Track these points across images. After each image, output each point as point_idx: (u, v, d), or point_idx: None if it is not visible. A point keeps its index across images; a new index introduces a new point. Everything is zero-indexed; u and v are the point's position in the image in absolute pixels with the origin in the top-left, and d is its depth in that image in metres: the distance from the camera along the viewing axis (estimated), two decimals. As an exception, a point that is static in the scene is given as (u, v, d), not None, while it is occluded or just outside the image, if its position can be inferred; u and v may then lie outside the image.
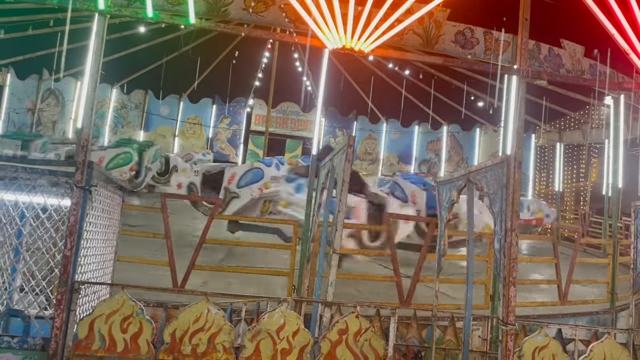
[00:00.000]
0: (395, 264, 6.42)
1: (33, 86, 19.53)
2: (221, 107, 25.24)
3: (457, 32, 6.87)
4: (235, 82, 22.23)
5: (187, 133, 24.96)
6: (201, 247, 6.39)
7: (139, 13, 4.41)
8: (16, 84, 18.78)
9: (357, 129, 24.89)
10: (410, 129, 24.03)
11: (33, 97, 19.63)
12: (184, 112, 24.82)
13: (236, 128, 25.57)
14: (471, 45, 6.90)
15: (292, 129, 25.75)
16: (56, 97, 20.13)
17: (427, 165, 23.48)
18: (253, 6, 6.61)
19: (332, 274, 4.14)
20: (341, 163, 4.48)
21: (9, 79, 18.47)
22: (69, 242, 3.75)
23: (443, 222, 5.39)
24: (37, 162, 3.84)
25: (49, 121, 19.98)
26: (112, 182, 4.80)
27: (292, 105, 25.34)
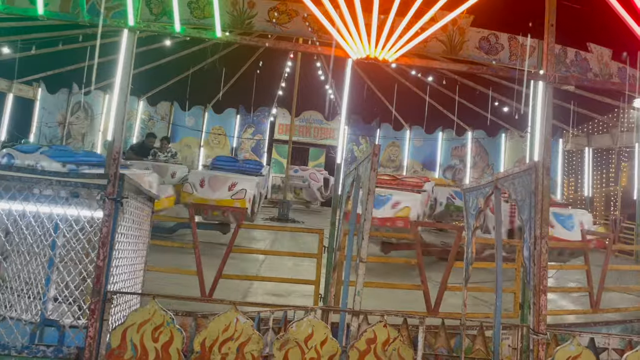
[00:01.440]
0: (422, 272, 6.38)
1: (63, 100, 20.06)
2: (245, 116, 25.52)
3: (482, 38, 6.83)
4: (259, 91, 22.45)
5: (212, 143, 25.27)
6: (228, 256, 6.45)
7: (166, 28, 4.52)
8: (47, 98, 19.31)
9: (380, 136, 24.86)
10: (434, 135, 23.87)
11: (63, 110, 20.15)
12: (208, 122, 25.16)
13: (260, 137, 25.80)
14: (496, 51, 6.85)
15: (315, 137, 25.85)
16: (85, 111, 20.63)
17: (451, 172, 23.27)
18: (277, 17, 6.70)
19: (359, 283, 4.14)
20: (366, 172, 4.49)
21: (39, 93, 19.00)
22: (102, 253, 3.84)
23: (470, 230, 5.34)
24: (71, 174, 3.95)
25: (78, 134, 20.47)
26: (142, 193, 4.90)
27: (315, 113, 25.46)
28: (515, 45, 6.78)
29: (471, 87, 17.14)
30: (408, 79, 19.66)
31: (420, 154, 24.30)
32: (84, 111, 20.60)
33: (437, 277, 6.96)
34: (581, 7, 5.46)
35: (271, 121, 25.83)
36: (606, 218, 18.59)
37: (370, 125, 24.95)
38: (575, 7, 5.46)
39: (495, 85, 15.45)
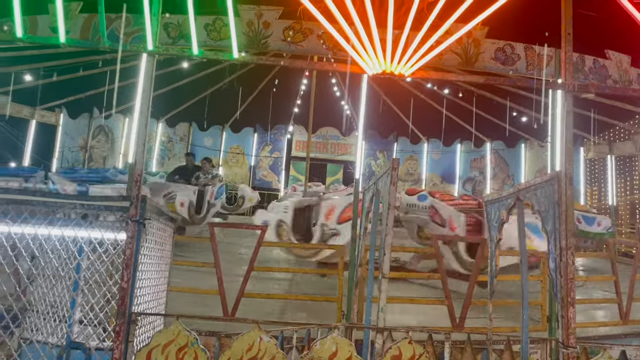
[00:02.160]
0: (446, 287, 6.29)
1: (84, 124, 20.48)
2: (262, 135, 25.72)
3: (497, 49, 6.82)
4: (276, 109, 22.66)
5: (231, 162, 25.47)
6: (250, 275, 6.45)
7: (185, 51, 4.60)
8: (68, 123, 19.74)
9: (397, 150, 24.79)
10: (452, 147, 23.73)
11: (84, 134, 20.57)
12: (226, 142, 25.41)
13: (277, 155, 25.93)
14: (512, 62, 6.83)
15: (332, 153, 25.90)
16: (106, 134, 21.01)
17: (471, 184, 23.04)
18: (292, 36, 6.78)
19: (382, 299, 4.10)
20: (386, 186, 4.47)
21: (62, 118, 19.44)
22: (126, 275, 3.87)
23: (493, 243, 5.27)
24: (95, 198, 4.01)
25: (99, 157, 20.82)
26: (163, 214, 4.95)
27: (332, 129, 25.54)
28: (531, 54, 6.75)
29: (488, 98, 17.05)
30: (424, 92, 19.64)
31: (439, 167, 24.13)
32: (104, 135, 20.99)
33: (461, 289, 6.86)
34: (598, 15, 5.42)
35: (288, 138, 25.98)
36: (632, 227, 18.17)
37: (387, 139, 24.93)
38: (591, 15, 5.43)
39: (513, 95, 15.35)
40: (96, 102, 19.10)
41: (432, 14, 4.47)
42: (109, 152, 21.14)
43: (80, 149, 20.39)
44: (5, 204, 3.86)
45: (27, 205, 3.81)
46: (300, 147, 25.61)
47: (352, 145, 25.28)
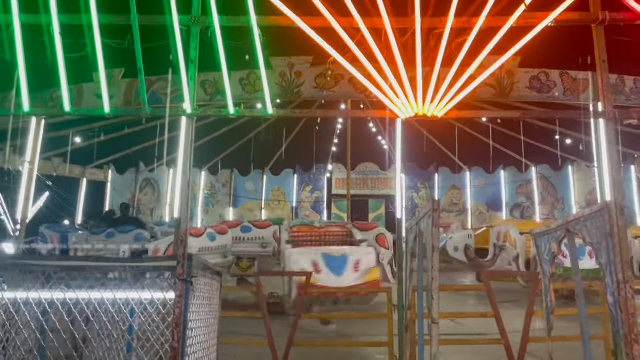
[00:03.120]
0: (501, 324, 6.05)
1: (131, 179, 21.28)
2: (302, 175, 25.97)
3: (532, 78, 6.74)
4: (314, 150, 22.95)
5: (273, 205, 25.74)
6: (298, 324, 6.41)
7: (222, 112, 4.77)
8: (116, 179, 20.56)
9: (439, 181, 24.48)
10: (496, 174, 23.24)
11: (132, 188, 21.34)
12: (267, 185, 25.77)
13: (318, 194, 26.05)
14: (548, 89, 6.73)
15: (372, 188, 25.81)
16: (152, 186, 21.72)
17: (519, 210, 22.38)
18: (324, 83, 6.92)
19: (434, 345, 3.98)
20: (428, 228, 4.41)
21: (110, 175, 20.28)
22: (176, 334, 3.91)
23: (547, 277, 5.08)
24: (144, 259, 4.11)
25: (147, 209, 21.48)
26: (209, 268, 5.02)
27: (371, 165, 25.54)
28: (568, 80, 6.63)
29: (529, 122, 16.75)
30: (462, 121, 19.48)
31: (484, 195, 23.60)
32: (151, 187, 21.71)
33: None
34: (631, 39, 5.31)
35: (328, 177, 26.12)
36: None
37: (427, 171, 24.70)
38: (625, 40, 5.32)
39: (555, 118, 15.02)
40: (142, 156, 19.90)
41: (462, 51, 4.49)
42: (156, 204, 21.79)
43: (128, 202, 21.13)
44: (60, 270, 4.01)
45: (80, 270, 3.95)
46: (340, 184, 25.67)
47: (393, 179, 25.16)
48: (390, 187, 25.21)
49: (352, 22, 4.38)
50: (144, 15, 4.50)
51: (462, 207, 23.90)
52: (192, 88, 4.19)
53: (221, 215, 24.02)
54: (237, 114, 4.58)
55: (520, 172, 22.34)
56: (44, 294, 4.20)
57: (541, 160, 21.36)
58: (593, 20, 4.52)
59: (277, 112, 4.70)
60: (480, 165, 23.04)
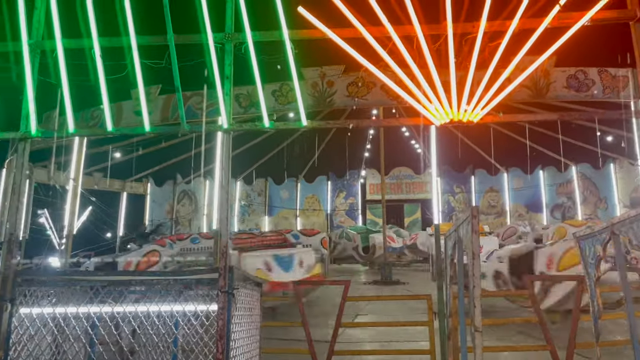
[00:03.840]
0: (546, 331, 5.91)
1: (169, 191, 21.76)
2: (335, 182, 26.01)
3: (569, 77, 6.60)
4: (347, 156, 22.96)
5: (307, 212, 25.85)
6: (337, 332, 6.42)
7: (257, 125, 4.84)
8: (155, 191, 21.07)
9: (475, 183, 24.09)
10: (535, 175, 22.69)
11: (170, 200, 21.81)
12: (301, 193, 25.91)
13: (352, 200, 26.02)
14: (586, 87, 6.57)
15: (407, 192, 25.62)
16: (189, 198, 22.15)
17: (560, 211, 21.80)
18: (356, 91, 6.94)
19: (477, 354, 3.92)
20: (467, 234, 4.36)
21: (149, 187, 20.79)
22: (220, 346, 3.99)
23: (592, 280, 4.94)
24: (186, 272, 4.22)
25: (185, 220, 21.91)
26: (249, 279, 5.09)
27: (405, 169, 25.38)
28: (607, 78, 6.46)
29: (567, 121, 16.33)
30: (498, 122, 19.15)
31: (523, 197, 23.07)
32: (188, 198, 22.14)
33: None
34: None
35: (361, 183, 26.09)
36: None
37: (463, 173, 24.34)
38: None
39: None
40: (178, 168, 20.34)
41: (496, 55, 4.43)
42: (193, 214, 22.20)
43: (167, 214, 21.60)
44: (108, 285, 4.15)
45: (127, 285, 4.08)
46: (374, 190, 25.60)
47: (427, 182, 24.92)
48: (425, 191, 24.99)
49: (384, 30, 4.39)
50: (179, 34, 4.63)
51: (500, 210, 23.43)
52: (227, 103, 4.28)
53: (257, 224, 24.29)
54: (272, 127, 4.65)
55: (560, 172, 21.76)
56: (93, 308, 4.35)
57: (581, 159, 20.77)
58: (631, 17, 4.40)
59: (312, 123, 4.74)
60: (518, 166, 22.59)
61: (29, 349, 4.33)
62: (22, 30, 4.55)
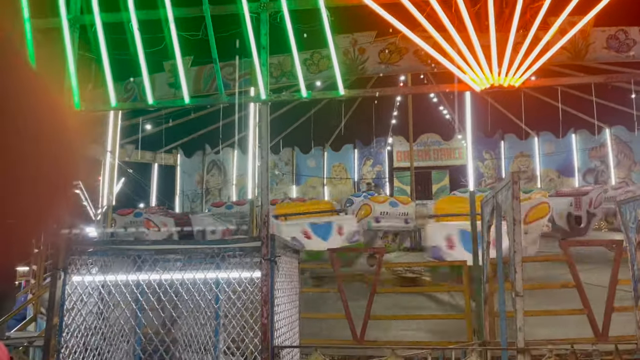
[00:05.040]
0: (583, 295, 5.92)
1: (198, 161, 22.04)
2: (362, 150, 25.88)
3: (609, 37, 6.38)
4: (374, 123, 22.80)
5: (335, 181, 25.88)
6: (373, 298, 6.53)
7: (294, 95, 4.85)
8: (185, 162, 21.37)
9: (505, 148, 23.67)
10: (566, 139, 22.15)
11: (200, 170, 22.11)
12: (328, 161, 25.89)
13: (380, 168, 25.91)
14: (627, 48, 6.36)
15: (435, 159, 25.32)
16: (219, 168, 22.41)
17: (593, 175, 21.32)
18: (388, 58, 6.85)
19: (518, 318, 3.97)
20: (507, 200, 4.35)
21: (179, 158, 21.10)
22: (265, 311, 4.12)
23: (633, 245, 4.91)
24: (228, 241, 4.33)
25: (215, 190, 22.23)
26: (289, 247, 5.20)
27: (433, 135, 25.02)
28: (649, 37, 6.24)
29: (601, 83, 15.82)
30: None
31: (554, 161, 22.57)
32: (217, 168, 22.40)
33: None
34: None
35: (388, 150, 25.89)
36: None
37: (492, 138, 23.90)
38: None
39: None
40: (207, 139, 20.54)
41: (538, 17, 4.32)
42: (223, 184, 22.49)
43: (197, 184, 21.96)
44: (155, 253, 4.30)
45: (173, 253, 4.22)
46: (401, 157, 25.38)
47: (456, 149, 24.60)
48: (453, 157, 24.68)
49: (421, -6, 4.32)
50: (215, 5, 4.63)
51: (530, 175, 23.03)
52: (264, 74, 4.29)
53: (285, 193, 24.46)
54: (309, 97, 4.64)
55: (593, 135, 21.17)
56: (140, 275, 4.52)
57: (615, 122, 20.16)
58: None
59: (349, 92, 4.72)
60: (549, 130, 22.05)
61: (82, 315, 4.54)
62: (60, 6, 4.61)
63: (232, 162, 22.37)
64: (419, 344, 5.77)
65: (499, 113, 21.55)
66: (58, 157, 0.79)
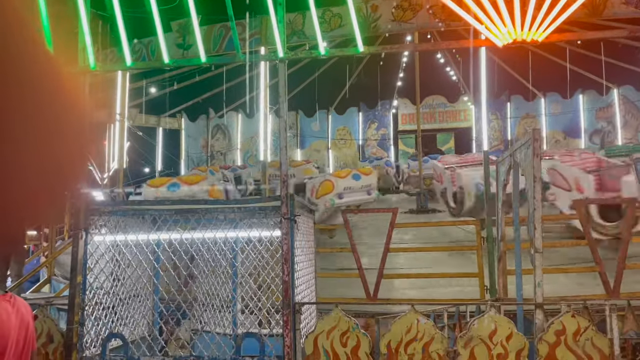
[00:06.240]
0: (596, 253, 5.96)
1: (203, 125, 21.93)
2: (366, 113, 25.69)
3: (629, -9, 6.23)
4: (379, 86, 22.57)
5: (339, 144, 25.79)
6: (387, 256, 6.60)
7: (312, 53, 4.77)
8: (189, 126, 21.27)
9: (511, 109, 23.46)
10: (574, 99, 21.90)
11: (204, 134, 22.03)
12: (333, 124, 25.74)
13: (384, 131, 25.77)
14: (647, 2, 6.20)
15: (441, 122, 25.15)
16: (223, 132, 22.31)
17: (599, 136, 21.19)
18: (401, 15, 6.71)
19: (537, 274, 4.02)
20: (527, 158, 4.34)
21: (183, 123, 20.98)
22: (286, 269, 4.18)
23: (648, 202, 4.93)
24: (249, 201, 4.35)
25: (219, 154, 22.20)
26: (305, 206, 5.24)
27: (438, 97, 24.76)
28: (671, -9, 6.08)
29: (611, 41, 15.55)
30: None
31: (560, 122, 22.39)
32: (222, 132, 22.30)
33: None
34: None
35: (393, 113, 25.69)
36: None
37: (498, 99, 23.67)
38: None
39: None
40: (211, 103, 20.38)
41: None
42: (227, 148, 22.45)
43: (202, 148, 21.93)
44: (175, 213, 4.33)
45: (194, 213, 4.24)
46: (406, 120, 25.22)
47: (461, 111, 24.40)
48: (459, 119, 24.53)
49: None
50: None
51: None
52: (281, 31, 4.21)
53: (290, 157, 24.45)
54: (327, 55, 4.57)
55: (600, 96, 20.94)
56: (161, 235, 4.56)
57: (624, 81, 19.90)
58: None
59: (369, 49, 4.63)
60: (556, 91, 21.80)
61: (104, 273, 4.62)
62: (70, -38, 4.49)
63: (237, 127, 22.26)
64: (434, 301, 5.86)
65: (505, 74, 21.28)
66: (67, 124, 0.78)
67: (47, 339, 4.39)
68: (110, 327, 4.56)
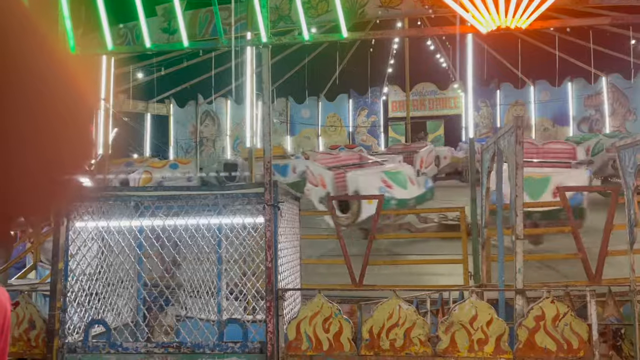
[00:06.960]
0: (578, 240, 6.03)
1: (191, 112, 21.78)
2: (357, 100, 25.67)
3: (615, -22, 6.23)
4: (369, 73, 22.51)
5: (329, 131, 25.79)
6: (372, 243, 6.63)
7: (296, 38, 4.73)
8: (178, 112, 21.11)
9: (501, 97, 23.54)
10: (563, 87, 22.00)
11: (193, 121, 21.89)
12: (323, 111, 25.70)
13: (374, 118, 25.78)
14: (634, -10, 6.21)
15: (430, 109, 25.21)
16: (212, 118, 22.18)
17: (587, 124, 21.35)
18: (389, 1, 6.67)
19: (518, 260, 4.05)
20: (510, 146, 4.35)
21: (172, 108, 20.83)
22: (269, 255, 4.17)
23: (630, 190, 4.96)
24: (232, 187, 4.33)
25: (209, 140, 22.09)
26: (289, 193, 5.22)
27: (428, 85, 24.80)
28: (657, -22, 6.09)
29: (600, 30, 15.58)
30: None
31: (549, 110, 22.52)
32: (211, 119, 22.18)
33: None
34: None
35: (383, 100, 25.69)
36: None
37: (487, 87, 23.72)
38: None
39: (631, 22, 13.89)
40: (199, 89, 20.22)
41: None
42: (216, 134, 22.34)
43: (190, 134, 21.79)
44: (157, 199, 4.30)
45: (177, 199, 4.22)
46: (396, 107, 25.22)
47: (451, 98, 24.45)
48: (449, 107, 24.59)
49: None
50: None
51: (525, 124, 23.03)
52: (265, 16, 4.17)
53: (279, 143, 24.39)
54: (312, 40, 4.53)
55: (589, 84, 21.06)
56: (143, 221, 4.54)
57: (612, 69, 20.02)
58: None
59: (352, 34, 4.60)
60: (545, 78, 21.90)
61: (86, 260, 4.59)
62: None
63: (226, 113, 22.14)
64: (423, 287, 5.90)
65: (495, 62, 21.32)
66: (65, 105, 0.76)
67: (29, 325, 4.37)
68: (93, 313, 4.54)
